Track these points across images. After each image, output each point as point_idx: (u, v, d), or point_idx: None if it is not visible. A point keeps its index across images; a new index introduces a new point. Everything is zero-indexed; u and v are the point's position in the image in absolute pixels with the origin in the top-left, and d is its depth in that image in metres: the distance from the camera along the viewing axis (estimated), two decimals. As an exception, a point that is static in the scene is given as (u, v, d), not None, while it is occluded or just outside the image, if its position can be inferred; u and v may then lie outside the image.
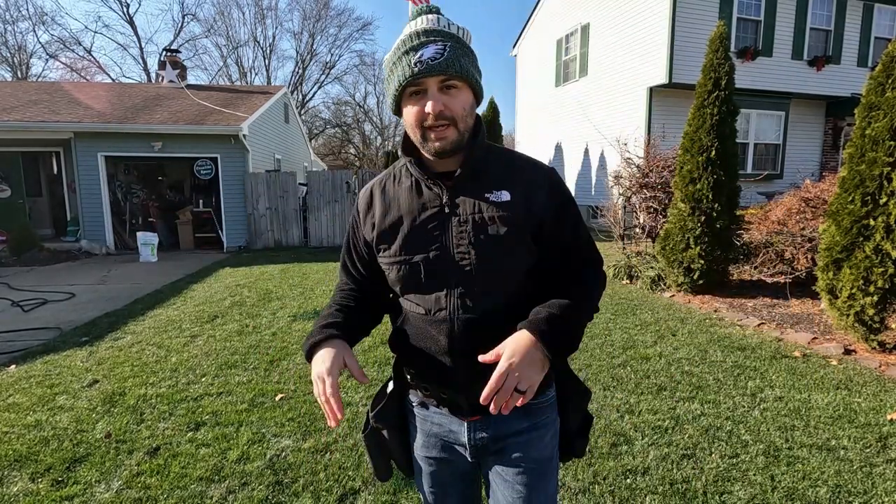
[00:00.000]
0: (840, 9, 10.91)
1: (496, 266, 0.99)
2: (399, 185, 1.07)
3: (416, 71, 0.92)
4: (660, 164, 7.37)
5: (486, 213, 0.99)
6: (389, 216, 1.05)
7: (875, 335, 3.87)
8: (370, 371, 3.70)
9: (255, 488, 2.31)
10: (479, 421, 1.08)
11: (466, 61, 0.96)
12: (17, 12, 30.09)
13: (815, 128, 11.79)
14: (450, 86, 0.94)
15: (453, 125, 0.95)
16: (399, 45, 0.97)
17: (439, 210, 1.01)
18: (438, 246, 1.00)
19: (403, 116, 1.00)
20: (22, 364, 3.97)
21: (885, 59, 3.82)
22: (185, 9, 44.83)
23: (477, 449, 1.09)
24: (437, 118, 0.94)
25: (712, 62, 5.56)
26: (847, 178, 3.92)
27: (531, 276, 1.04)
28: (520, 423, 1.08)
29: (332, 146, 37.29)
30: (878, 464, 2.43)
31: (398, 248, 1.03)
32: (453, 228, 1.00)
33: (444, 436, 1.12)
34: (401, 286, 1.06)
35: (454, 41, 0.95)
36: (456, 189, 1.01)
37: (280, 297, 6.11)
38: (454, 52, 0.94)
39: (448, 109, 0.94)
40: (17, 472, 2.46)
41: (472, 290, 0.99)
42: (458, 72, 0.93)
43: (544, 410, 1.11)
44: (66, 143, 10.25)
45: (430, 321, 1.02)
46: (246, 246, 10.92)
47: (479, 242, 0.98)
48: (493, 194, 1.00)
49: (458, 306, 1.00)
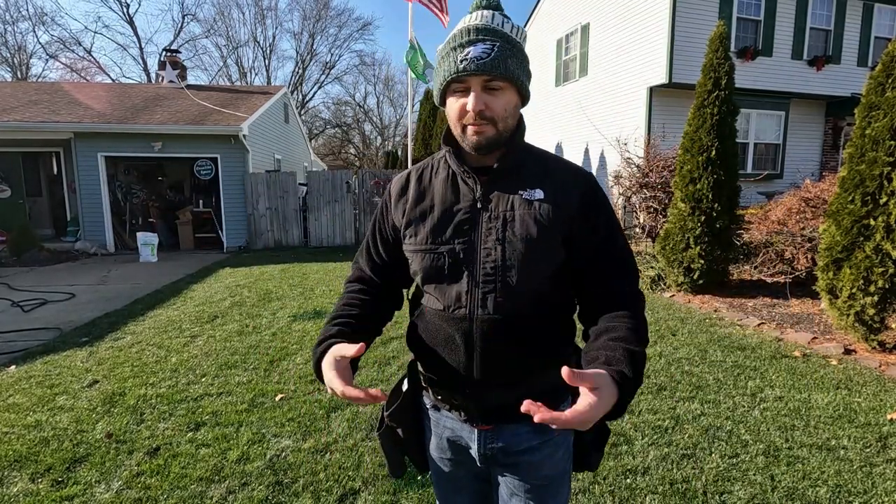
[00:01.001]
0: (840, 9, 10.90)
1: (522, 266, 0.96)
2: (436, 175, 1.07)
3: (461, 68, 0.92)
4: (660, 164, 7.37)
5: (518, 211, 0.98)
6: (422, 204, 1.05)
7: (875, 335, 3.87)
8: (370, 371, 3.70)
9: (255, 488, 2.31)
10: (491, 431, 1.05)
11: (513, 63, 0.95)
12: (17, 12, 30.19)
13: (815, 128, 11.78)
14: (493, 86, 0.94)
15: (492, 124, 0.95)
16: (450, 39, 0.97)
17: (472, 204, 1.00)
18: (466, 240, 0.99)
19: (446, 109, 1.01)
20: (22, 364, 3.97)
21: (885, 58, 3.82)
22: (185, 9, 44.90)
23: (487, 458, 1.07)
24: (478, 116, 0.94)
25: (712, 62, 5.56)
26: (847, 178, 3.92)
27: (558, 281, 1.01)
28: (532, 439, 1.05)
29: (332, 146, 37.30)
30: (878, 464, 2.43)
31: (425, 236, 1.02)
32: (483, 223, 0.98)
33: (455, 440, 1.11)
34: (422, 276, 1.04)
35: (504, 41, 0.94)
36: (490, 184, 1.00)
37: (280, 298, 6.11)
38: (501, 53, 0.93)
39: (489, 109, 0.94)
40: (17, 473, 2.46)
41: (494, 289, 0.97)
42: (503, 73, 0.93)
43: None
44: (66, 144, 10.25)
45: (448, 318, 1.00)
46: (246, 246, 10.92)
47: (506, 240, 0.97)
48: (527, 192, 0.99)
49: (478, 304, 0.97)
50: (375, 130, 38.13)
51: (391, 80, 38.69)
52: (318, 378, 0.96)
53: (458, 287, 0.99)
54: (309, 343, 4.34)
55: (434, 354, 1.04)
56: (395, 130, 36.85)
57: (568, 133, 13.41)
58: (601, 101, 11.86)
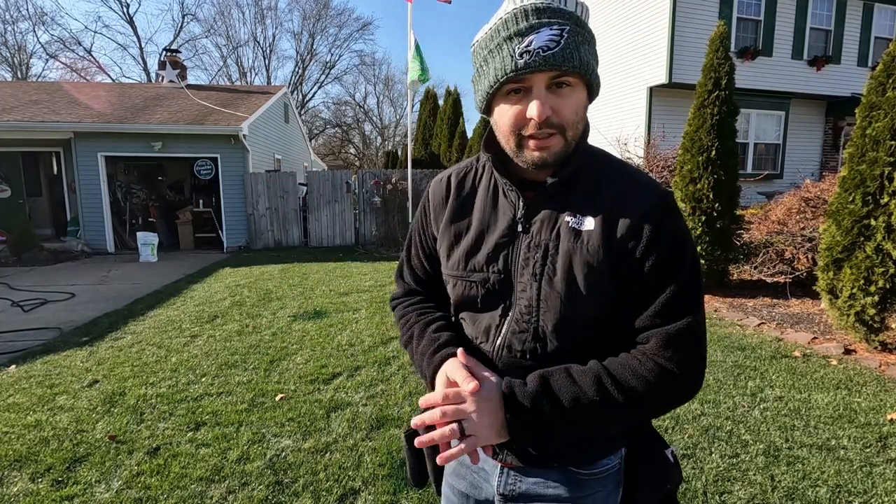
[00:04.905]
0: (840, 9, 10.90)
1: (560, 312, 0.78)
2: (478, 183, 0.91)
3: (520, 64, 0.71)
4: (660, 164, 7.38)
5: (563, 244, 0.79)
6: (460, 221, 0.90)
7: (876, 335, 3.87)
8: (370, 371, 3.69)
9: (255, 488, 2.31)
10: (514, 470, 0.89)
11: (586, 50, 0.74)
12: (17, 12, 30.15)
13: (815, 128, 11.78)
14: (562, 83, 0.73)
15: (560, 133, 0.75)
16: (499, 25, 0.74)
17: (511, 225, 0.83)
18: (501, 269, 0.83)
19: (494, 117, 0.80)
20: (22, 364, 3.97)
21: (885, 58, 3.82)
22: (185, 9, 44.85)
23: (506, 500, 0.91)
24: (543, 125, 0.74)
25: (712, 62, 5.56)
26: (847, 178, 3.92)
27: (606, 325, 0.80)
28: (559, 490, 0.87)
29: (332, 146, 37.32)
30: (878, 464, 2.43)
31: (457, 261, 0.88)
32: (521, 251, 0.82)
33: (476, 471, 0.96)
34: (454, 304, 0.92)
35: (573, 23, 0.72)
36: (536, 203, 0.82)
37: (280, 297, 6.11)
38: (573, 39, 0.71)
39: (557, 114, 0.74)
40: (17, 472, 2.46)
41: (527, 330, 0.81)
42: (578, 66, 0.72)
43: (595, 484, 0.87)
44: (66, 143, 10.25)
45: (474, 349, 0.87)
46: (246, 246, 10.92)
47: (545, 276, 0.79)
48: (576, 219, 0.79)
49: (505, 345, 0.83)
50: (375, 130, 38.18)
51: (391, 80, 38.67)
52: (431, 386, 0.85)
53: (490, 320, 0.85)
54: (309, 343, 4.34)
55: None
56: (395, 130, 36.87)
57: (568, 133, 13.41)
58: (601, 100, 11.84)
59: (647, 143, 8.05)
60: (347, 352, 4.08)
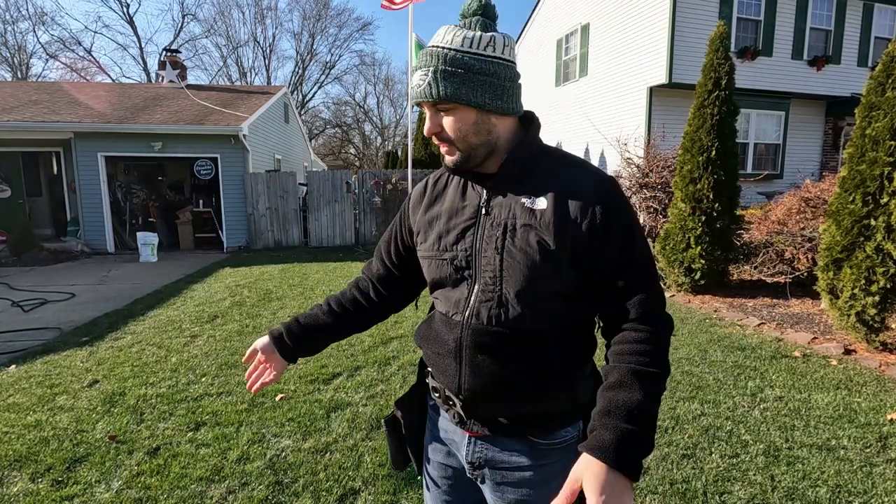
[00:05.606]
0: (840, 9, 10.90)
1: (522, 279, 0.91)
2: (450, 182, 1.08)
3: (412, 94, 0.94)
4: (660, 164, 7.38)
5: (520, 220, 0.92)
6: (432, 210, 1.06)
7: (876, 335, 3.87)
8: (370, 371, 3.69)
9: (255, 488, 2.31)
10: (481, 439, 1.02)
11: (454, 82, 0.89)
12: (17, 12, 30.15)
13: (815, 128, 11.77)
14: (441, 108, 0.92)
15: (451, 144, 0.94)
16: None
17: (476, 210, 0.99)
18: (468, 248, 0.97)
19: None
20: (22, 364, 3.97)
21: (885, 58, 3.82)
22: (185, 9, 44.87)
23: (475, 467, 1.03)
24: (436, 138, 0.95)
25: (712, 62, 5.56)
26: (847, 178, 3.92)
27: (569, 298, 0.94)
28: (521, 458, 0.99)
29: (332, 146, 37.32)
30: (878, 464, 2.43)
31: (432, 243, 1.03)
32: (485, 231, 0.96)
33: (448, 442, 1.10)
34: (430, 282, 1.07)
35: (445, 63, 0.89)
36: (495, 190, 0.98)
37: (280, 298, 6.11)
38: (438, 76, 0.89)
39: (444, 131, 0.93)
40: (17, 472, 2.46)
41: (492, 300, 0.93)
42: (442, 97, 0.89)
43: (555, 453, 0.99)
44: (66, 143, 10.25)
45: (447, 323, 1.00)
46: (246, 246, 10.92)
47: (506, 249, 0.92)
48: (530, 200, 0.93)
49: (473, 313, 0.95)
50: (375, 130, 38.20)
51: (391, 80, 38.71)
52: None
53: (459, 293, 0.99)
54: (309, 343, 4.34)
55: (433, 356, 1.04)
56: (395, 130, 36.89)
57: (568, 133, 13.41)
58: (601, 101, 11.86)
59: (647, 143, 8.05)
60: (347, 352, 4.08)
